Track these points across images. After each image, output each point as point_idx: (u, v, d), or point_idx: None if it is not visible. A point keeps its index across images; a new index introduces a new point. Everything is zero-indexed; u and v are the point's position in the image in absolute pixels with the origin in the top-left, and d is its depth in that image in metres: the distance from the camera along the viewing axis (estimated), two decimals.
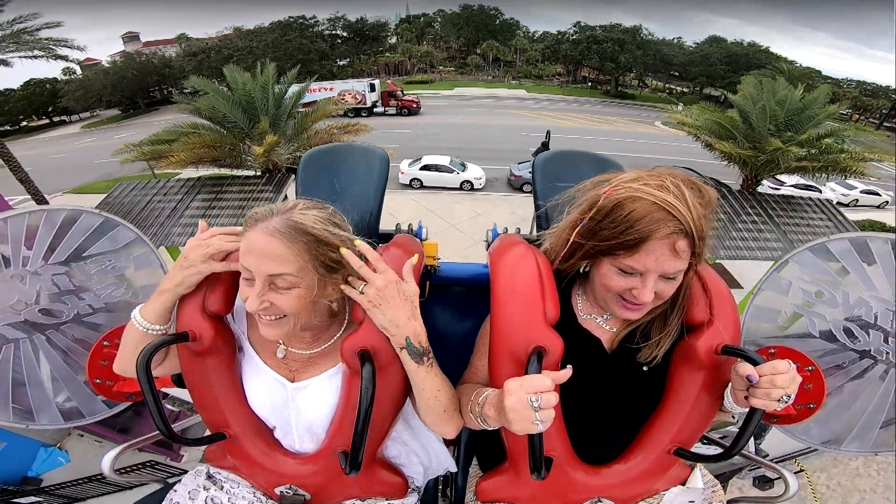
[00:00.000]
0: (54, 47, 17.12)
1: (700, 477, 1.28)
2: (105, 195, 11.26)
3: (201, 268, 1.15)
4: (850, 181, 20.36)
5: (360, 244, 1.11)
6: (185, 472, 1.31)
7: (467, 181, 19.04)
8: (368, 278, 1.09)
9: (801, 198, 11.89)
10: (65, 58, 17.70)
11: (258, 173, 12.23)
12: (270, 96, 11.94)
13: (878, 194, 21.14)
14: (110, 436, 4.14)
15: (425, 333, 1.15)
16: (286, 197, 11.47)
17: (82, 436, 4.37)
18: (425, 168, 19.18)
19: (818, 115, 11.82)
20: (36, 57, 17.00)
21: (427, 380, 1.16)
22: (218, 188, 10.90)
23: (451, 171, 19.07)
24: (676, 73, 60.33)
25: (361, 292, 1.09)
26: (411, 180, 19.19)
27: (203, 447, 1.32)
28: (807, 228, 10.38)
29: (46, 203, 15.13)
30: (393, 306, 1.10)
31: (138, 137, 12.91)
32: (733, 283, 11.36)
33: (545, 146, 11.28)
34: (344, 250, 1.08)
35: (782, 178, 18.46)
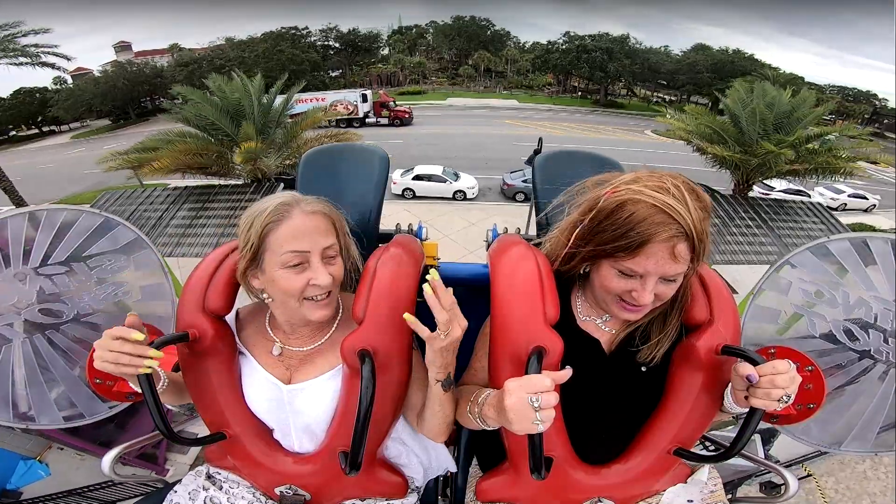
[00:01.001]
0: (40, 54, 16.86)
1: (706, 473, 1.28)
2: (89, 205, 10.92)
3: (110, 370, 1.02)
4: (838, 185, 20.51)
5: (432, 279, 1.05)
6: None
7: (460, 191, 18.58)
8: (460, 323, 1.06)
9: (794, 202, 11.82)
10: (51, 65, 17.42)
11: (247, 182, 11.99)
12: (255, 104, 11.70)
13: (865, 198, 21.33)
14: (91, 449, 4.02)
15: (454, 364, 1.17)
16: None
17: (62, 449, 4.23)
18: (418, 178, 18.84)
19: (806, 116, 11.82)
20: (21, 64, 16.73)
21: (444, 404, 1.20)
22: (205, 197, 10.60)
23: (444, 181, 18.70)
24: (664, 83, 60.83)
25: (441, 335, 1.05)
26: (404, 190, 18.85)
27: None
28: (801, 232, 10.27)
29: None
30: (453, 351, 1.10)
31: (127, 147, 12.57)
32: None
33: (538, 153, 11.22)
34: (428, 289, 1.04)
35: (772, 183, 18.37)
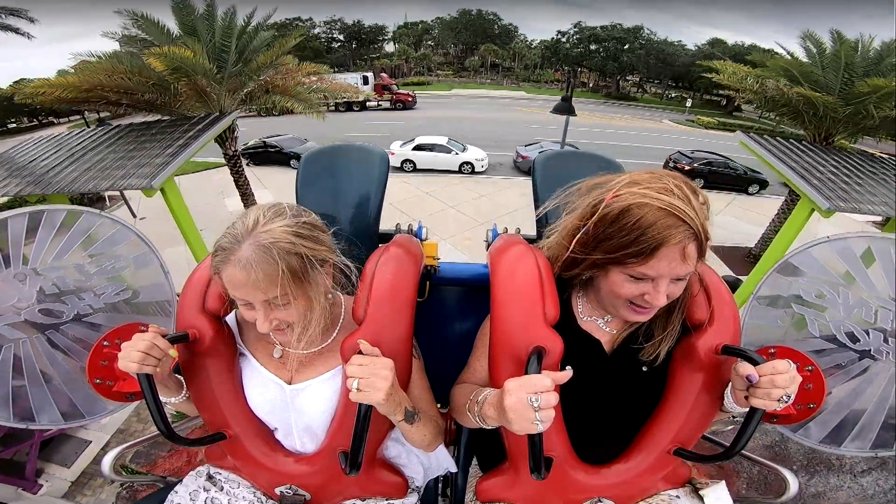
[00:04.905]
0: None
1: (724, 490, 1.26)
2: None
3: (133, 369, 1.04)
4: None
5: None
6: None
7: (467, 163, 17.19)
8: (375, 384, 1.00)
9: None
10: (16, 30, 16.64)
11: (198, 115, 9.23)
12: (217, 23, 9.74)
13: None
14: None
15: (408, 398, 1.17)
16: (231, 139, 10.54)
17: None
18: (419, 148, 17.40)
19: None
20: None
21: (417, 432, 1.19)
22: (135, 134, 7.96)
23: (450, 152, 17.31)
24: (673, 84, 59.81)
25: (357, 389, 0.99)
26: (403, 162, 17.46)
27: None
28: None
29: None
30: (393, 396, 1.04)
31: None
32: None
33: (567, 100, 10.83)
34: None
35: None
